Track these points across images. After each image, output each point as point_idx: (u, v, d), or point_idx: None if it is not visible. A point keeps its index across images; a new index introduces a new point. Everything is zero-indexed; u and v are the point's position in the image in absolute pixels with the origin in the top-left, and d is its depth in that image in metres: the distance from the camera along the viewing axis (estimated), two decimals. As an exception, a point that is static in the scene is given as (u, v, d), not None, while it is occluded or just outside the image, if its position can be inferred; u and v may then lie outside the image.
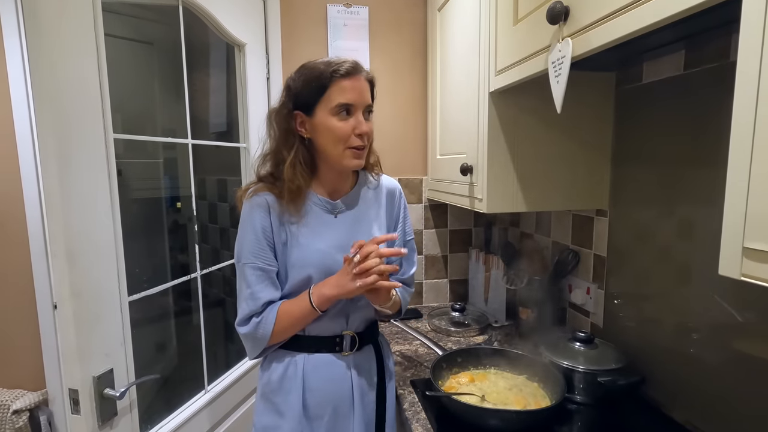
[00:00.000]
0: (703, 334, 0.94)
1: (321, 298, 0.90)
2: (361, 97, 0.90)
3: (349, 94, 0.89)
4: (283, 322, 0.92)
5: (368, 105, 0.93)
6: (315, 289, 0.92)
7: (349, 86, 0.89)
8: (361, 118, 0.91)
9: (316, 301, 0.90)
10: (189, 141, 1.27)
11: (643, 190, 1.10)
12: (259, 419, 0.99)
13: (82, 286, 0.88)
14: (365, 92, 0.92)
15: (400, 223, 1.09)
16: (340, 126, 0.90)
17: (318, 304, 0.90)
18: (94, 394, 0.91)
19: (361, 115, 0.91)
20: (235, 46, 1.48)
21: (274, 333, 0.92)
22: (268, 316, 0.92)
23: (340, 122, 0.90)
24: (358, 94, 0.90)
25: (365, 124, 0.91)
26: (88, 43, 0.89)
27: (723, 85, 0.86)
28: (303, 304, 0.91)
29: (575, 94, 0.79)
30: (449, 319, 1.59)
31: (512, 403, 1.00)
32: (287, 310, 0.93)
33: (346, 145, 0.91)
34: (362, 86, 0.91)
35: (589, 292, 1.28)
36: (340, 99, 0.89)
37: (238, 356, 1.55)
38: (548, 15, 0.77)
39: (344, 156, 0.92)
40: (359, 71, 0.91)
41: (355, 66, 0.91)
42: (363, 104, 0.91)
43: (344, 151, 0.92)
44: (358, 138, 0.91)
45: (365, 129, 0.91)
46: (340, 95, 0.89)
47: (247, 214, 0.95)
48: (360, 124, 0.90)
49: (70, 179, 0.85)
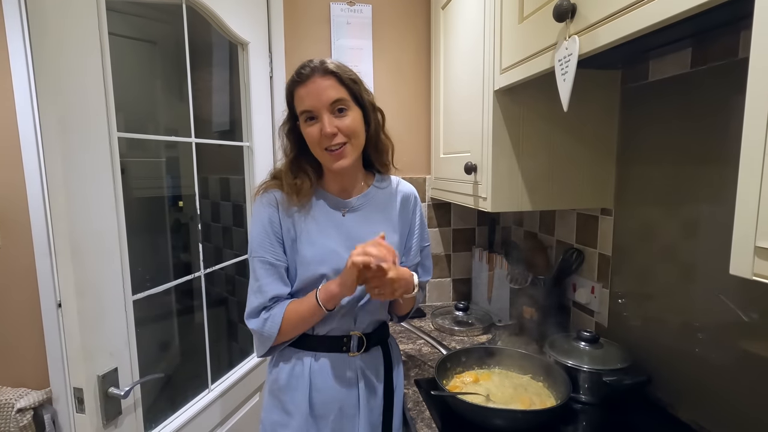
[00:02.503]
0: (709, 334, 0.94)
1: (327, 294, 0.90)
2: (319, 99, 0.88)
3: (306, 101, 0.89)
4: (291, 320, 0.92)
5: (333, 103, 0.89)
6: (322, 286, 0.92)
7: (304, 93, 0.89)
8: (326, 119, 0.89)
9: (322, 297, 0.90)
10: (192, 140, 1.27)
11: (648, 189, 1.09)
12: (267, 416, 1.00)
13: (87, 284, 0.88)
14: (324, 92, 0.88)
15: (417, 229, 1.08)
16: (309, 132, 0.91)
17: (323, 301, 0.89)
18: (98, 393, 0.91)
19: (327, 116, 0.89)
20: (238, 45, 1.47)
21: (281, 331, 0.92)
22: (276, 314, 0.92)
23: (308, 128, 0.91)
24: (315, 98, 0.88)
25: (329, 124, 0.88)
26: (92, 42, 0.89)
27: (731, 83, 0.86)
28: (310, 302, 0.91)
29: (580, 92, 0.79)
30: (453, 318, 1.59)
31: (517, 402, 1.00)
32: (295, 308, 0.93)
33: (321, 148, 0.91)
34: (319, 87, 0.88)
35: (594, 292, 1.28)
36: (300, 107, 0.91)
37: (241, 355, 1.55)
38: (555, 13, 0.77)
39: (324, 158, 0.93)
40: (315, 72, 0.88)
41: (313, 68, 0.89)
42: (324, 104, 0.88)
43: (322, 154, 0.92)
44: (326, 139, 0.89)
45: (328, 130, 0.88)
46: (300, 103, 0.91)
47: (258, 210, 0.97)
48: (324, 125, 0.88)
49: (75, 178, 0.85)
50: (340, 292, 0.88)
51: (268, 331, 0.92)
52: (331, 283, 0.91)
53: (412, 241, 1.07)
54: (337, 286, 0.89)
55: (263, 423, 1.00)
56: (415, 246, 1.07)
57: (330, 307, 0.91)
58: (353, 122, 0.91)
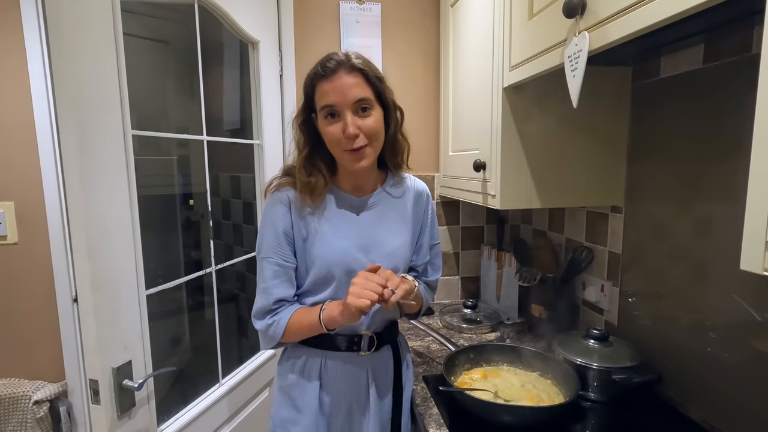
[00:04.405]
0: (721, 333, 0.93)
1: (329, 318, 0.87)
2: (344, 96, 0.84)
3: (329, 96, 0.85)
4: (293, 329, 0.92)
5: (358, 101, 0.85)
6: (327, 306, 0.89)
7: (329, 87, 0.85)
8: (348, 118, 0.85)
9: (325, 318, 0.88)
10: (204, 138, 1.29)
11: (659, 187, 1.08)
12: (277, 412, 1.00)
13: (102, 280, 0.90)
14: (350, 90, 0.84)
15: (427, 227, 1.07)
16: (329, 130, 0.87)
17: (325, 322, 0.88)
18: (113, 384, 0.93)
19: (350, 115, 0.85)
20: (249, 44, 1.49)
21: (284, 335, 0.92)
22: (280, 321, 0.92)
23: (329, 126, 0.87)
24: (339, 94, 0.84)
25: (352, 124, 0.84)
26: (108, 43, 0.90)
27: (744, 79, 0.85)
28: (312, 318, 0.90)
29: (590, 89, 0.78)
30: (461, 316, 1.59)
31: (525, 399, 1.00)
32: (299, 320, 0.92)
33: (342, 149, 0.88)
34: (344, 84, 0.84)
35: (603, 290, 1.27)
36: (323, 102, 0.86)
37: (251, 351, 1.57)
38: (565, 9, 0.77)
39: (343, 159, 0.90)
40: (341, 67, 0.85)
41: (339, 62, 0.85)
42: (348, 103, 0.84)
43: (342, 154, 0.89)
44: (348, 140, 0.86)
45: (351, 131, 0.84)
46: (323, 98, 0.86)
47: (269, 209, 0.95)
48: (347, 125, 0.84)
49: (91, 175, 0.87)
50: (342, 320, 0.85)
51: (272, 335, 0.93)
52: (335, 307, 0.87)
53: (424, 239, 1.07)
54: (339, 314, 0.85)
55: (273, 419, 1.00)
56: (426, 244, 1.07)
57: (331, 328, 0.89)
58: (375, 123, 0.88)
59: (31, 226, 1.53)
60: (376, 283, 0.81)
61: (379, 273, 0.84)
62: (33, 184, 1.50)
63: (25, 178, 1.50)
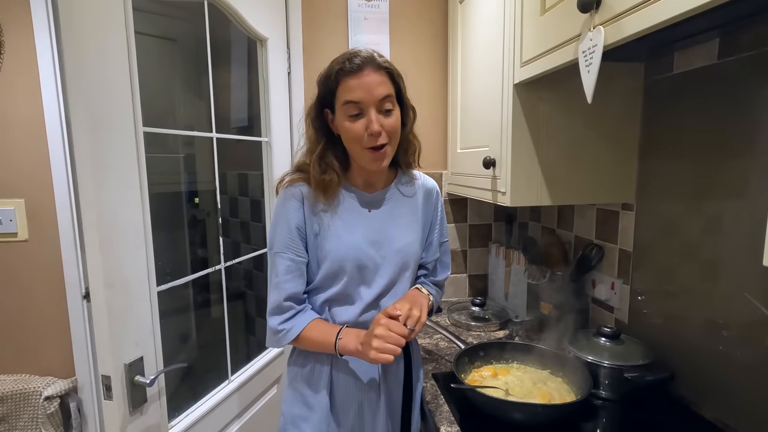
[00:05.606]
0: (733, 331, 0.92)
1: (345, 347, 0.89)
2: (371, 93, 0.84)
3: (356, 92, 0.85)
4: (304, 343, 0.94)
5: (382, 99, 0.86)
6: (345, 335, 0.89)
7: (356, 84, 0.85)
8: (373, 116, 0.85)
9: (341, 348, 0.89)
10: (213, 134, 1.29)
11: (671, 184, 1.07)
12: (288, 408, 1.00)
13: (114, 276, 0.91)
14: (376, 87, 0.85)
15: (437, 225, 1.07)
16: (351, 127, 0.87)
17: (340, 349, 0.89)
18: (125, 380, 0.93)
19: (374, 112, 0.85)
20: (257, 41, 1.49)
21: (293, 342, 0.94)
22: (292, 330, 0.92)
23: (351, 123, 0.87)
24: (366, 91, 0.84)
25: (376, 122, 0.85)
26: (120, 41, 0.90)
27: (760, 74, 0.84)
28: (328, 339, 0.90)
29: (602, 85, 0.77)
30: (469, 313, 1.59)
31: (536, 397, 0.99)
32: (311, 336, 0.92)
33: (363, 146, 0.88)
34: (372, 81, 0.85)
35: (614, 288, 1.26)
36: (347, 97, 0.86)
37: (259, 348, 1.57)
38: (579, 3, 0.76)
39: (363, 157, 0.90)
40: (367, 64, 0.85)
41: (365, 59, 0.86)
42: (373, 101, 0.85)
43: (362, 152, 0.89)
44: (372, 138, 0.86)
45: (376, 128, 0.85)
46: (347, 94, 0.86)
47: (281, 204, 0.95)
48: (371, 123, 0.85)
49: (103, 171, 0.87)
50: (357, 356, 0.87)
51: (280, 339, 0.93)
52: (352, 340, 0.88)
53: (433, 236, 1.07)
54: (355, 350, 0.86)
55: (284, 415, 1.00)
56: (435, 241, 1.07)
57: (342, 354, 0.90)
58: (396, 122, 0.89)
59: (41, 224, 1.54)
60: (399, 335, 0.81)
61: (398, 313, 0.84)
62: (43, 181, 1.51)
63: (35, 176, 1.51)
